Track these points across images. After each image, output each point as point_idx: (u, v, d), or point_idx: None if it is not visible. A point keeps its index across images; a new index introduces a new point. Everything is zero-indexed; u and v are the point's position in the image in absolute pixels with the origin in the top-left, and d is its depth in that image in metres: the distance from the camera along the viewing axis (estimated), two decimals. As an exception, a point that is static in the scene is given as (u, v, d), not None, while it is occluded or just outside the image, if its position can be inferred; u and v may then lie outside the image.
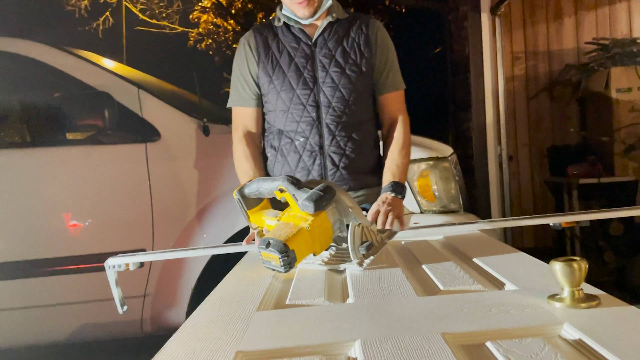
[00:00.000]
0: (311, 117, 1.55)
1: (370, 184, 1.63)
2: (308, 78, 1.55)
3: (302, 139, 1.57)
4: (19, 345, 2.30)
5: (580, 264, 0.66)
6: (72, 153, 2.36)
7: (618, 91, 3.69)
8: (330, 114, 1.55)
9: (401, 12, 6.97)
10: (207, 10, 8.49)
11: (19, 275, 2.24)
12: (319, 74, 1.55)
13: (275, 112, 1.60)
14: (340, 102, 1.55)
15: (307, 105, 1.55)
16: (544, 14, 4.26)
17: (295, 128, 1.57)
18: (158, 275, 2.30)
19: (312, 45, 1.56)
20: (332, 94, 1.54)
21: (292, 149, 1.58)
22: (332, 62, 1.55)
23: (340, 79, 1.54)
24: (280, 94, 1.56)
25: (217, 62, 8.18)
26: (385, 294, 0.82)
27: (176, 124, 2.38)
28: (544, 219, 1.30)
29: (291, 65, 1.55)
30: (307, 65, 1.55)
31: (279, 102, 1.57)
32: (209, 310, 0.82)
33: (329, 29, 1.58)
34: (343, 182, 1.58)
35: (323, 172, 1.57)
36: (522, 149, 4.31)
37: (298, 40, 1.57)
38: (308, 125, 1.55)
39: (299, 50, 1.56)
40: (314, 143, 1.56)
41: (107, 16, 8.14)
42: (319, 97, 1.55)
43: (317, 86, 1.55)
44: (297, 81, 1.55)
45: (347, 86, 1.55)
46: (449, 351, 0.56)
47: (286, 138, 1.59)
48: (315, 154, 1.56)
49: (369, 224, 1.06)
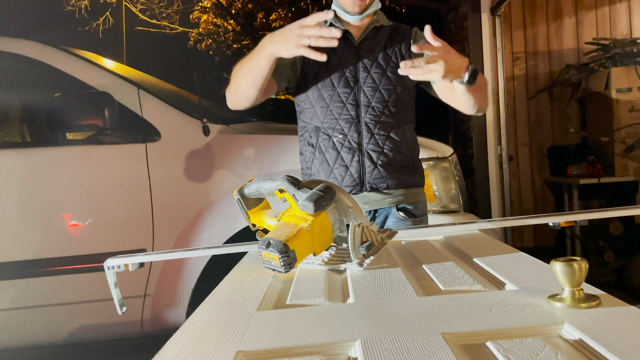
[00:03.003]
0: (350, 115, 1.57)
1: (410, 184, 1.64)
2: (350, 78, 1.58)
3: (340, 136, 1.58)
4: (19, 345, 2.30)
5: (580, 264, 0.66)
6: (72, 153, 2.37)
7: (618, 91, 3.69)
8: (370, 113, 1.57)
9: (401, 12, 6.97)
10: (207, 10, 8.50)
11: (19, 275, 2.24)
12: (360, 74, 1.58)
13: (314, 109, 1.61)
14: (380, 102, 1.57)
15: (347, 103, 1.57)
16: (544, 14, 4.26)
17: (333, 125, 1.58)
18: (158, 276, 2.30)
19: (356, 48, 1.60)
20: (373, 94, 1.57)
21: (330, 145, 1.59)
22: (374, 64, 1.58)
23: (381, 79, 1.57)
24: (321, 91, 1.59)
25: (217, 62, 8.18)
26: (385, 294, 0.82)
27: (176, 124, 2.38)
28: (543, 218, 1.30)
29: (335, 64, 1.58)
30: (349, 66, 1.58)
31: (319, 99, 1.59)
32: (209, 310, 0.81)
33: (373, 34, 1.61)
34: (381, 180, 1.59)
35: (361, 169, 1.58)
36: (522, 149, 4.31)
37: (343, 41, 1.57)
38: (347, 123, 1.57)
39: (344, 51, 1.59)
40: (352, 140, 1.57)
41: (107, 16, 8.15)
42: (359, 97, 1.57)
43: (358, 86, 1.58)
44: (338, 80, 1.57)
45: (387, 87, 1.57)
46: (449, 351, 0.56)
47: (324, 135, 1.60)
48: (353, 150, 1.57)
49: (369, 224, 1.06)
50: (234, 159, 2.36)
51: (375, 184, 1.59)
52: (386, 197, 1.61)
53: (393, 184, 1.60)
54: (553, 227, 1.24)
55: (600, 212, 1.29)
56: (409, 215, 1.63)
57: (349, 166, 1.58)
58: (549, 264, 0.70)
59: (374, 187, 1.59)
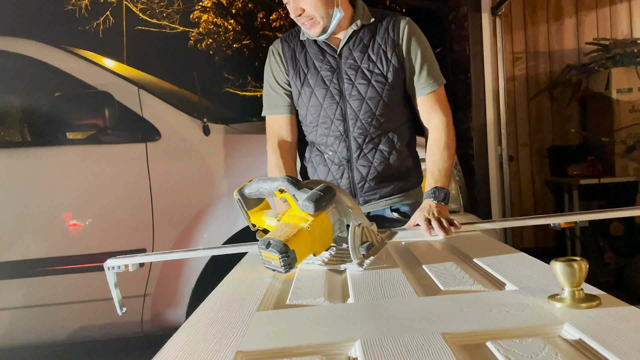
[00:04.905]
0: (339, 131, 1.54)
1: (403, 189, 1.62)
2: (334, 92, 1.52)
3: (330, 153, 1.57)
4: (19, 345, 2.30)
5: (580, 264, 0.66)
6: (72, 153, 2.36)
7: (618, 92, 3.69)
8: (358, 127, 1.53)
9: (401, 12, 6.97)
10: (208, 9, 8.50)
11: (19, 275, 2.24)
12: (345, 87, 1.52)
13: (306, 125, 1.60)
14: (367, 114, 1.52)
15: (335, 119, 1.53)
16: (544, 14, 4.26)
17: (324, 141, 1.57)
18: (158, 276, 2.30)
19: (337, 57, 1.53)
20: (359, 106, 1.52)
21: (321, 161, 1.59)
22: (358, 73, 1.51)
23: (367, 91, 1.51)
24: (308, 108, 1.56)
25: (218, 61, 8.19)
26: (385, 294, 0.82)
27: (176, 124, 2.38)
28: (543, 219, 1.30)
29: (317, 79, 1.53)
30: (332, 79, 1.52)
31: (308, 116, 1.57)
32: (209, 310, 0.81)
33: (354, 37, 1.53)
34: (372, 193, 1.58)
35: (351, 184, 1.57)
36: (523, 149, 4.31)
37: (324, 52, 1.54)
38: (336, 140, 1.55)
39: (324, 63, 1.53)
40: (341, 157, 1.55)
41: (107, 16, 8.15)
42: (345, 110, 1.53)
43: (344, 99, 1.52)
44: (323, 95, 1.53)
45: (373, 98, 1.51)
46: (449, 351, 0.56)
47: (317, 150, 1.60)
48: (343, 167, 1.56)
49: (369, 224, 1.06)
50: (234, 159, 2.36)
51: (367, 197, 1.58)
52: (380, 201, 1.61)
53: (386, 193, 1.59)
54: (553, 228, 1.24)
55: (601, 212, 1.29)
56: (403, 215, 1.62)
57: (339, 182, 1.57)
58: (549, 264, 0.70)
59: (367, 200, 1.59)
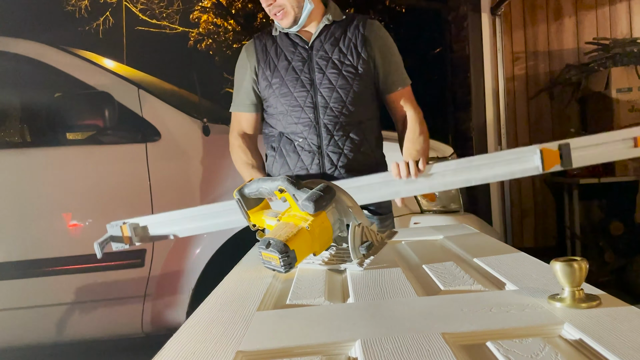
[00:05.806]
0: (309, 119, 1.57)
1: None
2: (305, 80, 1.57)
3: (300, 140, 1.59)
4: (19, 345, 2.30)
5: (580, 264, 0.66)
6: (72, 153, 2.36)
7: (618, 91, 3.69)
8: (328, 115, 1.56)
9: (401, 12, 6.97)
10: (207, 10, 8.49)
11: (19, 275, 2.24)
12: (316, 76, 1.57)
13: (276, 115, 1.62)
14: (337, 102, 1.56)
15: (305, 107, 1.57)
16: (544, 14, 4.26)
17: (294, 130, 1.59)
18: (158, 275, 2.30)
19: (309, 49, 1.59)
20: (330, 95, 1.56)
21: (291, 149, 1.60)
22: (329, 64, 1.57)
23: (337, 80, 1.56)
24: (279, 97, 1.59)
25: (217, 62, 8.18)
26: (385, 294, 0.82)
27: (176, 124, 2.38)
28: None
29: (289, 69, 1.58)
30: (303, 68, 1.57)
31: (278, 105, 1.60)
32: (209, 310, 0.81)
33: (325, 32, 1.60)
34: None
35: (321, 171, 1.58)
36: (523, 149, 4.30)
37: (295, 45, 1.60)
38: (306, 127, 1.57)
39: (295, 54, 1.59)
40: (312, 143, 1.57)
41: (107, 16, 8.15)
42: (316, 99, 1.56)
43: (314, 88, 1.57)
44: (294, 84, 1.57)
45: (344, 87, 1.56)
46: (449, 351, 0.56)
47: (286, 139, 1.61)
48: (313, 153, 1.57)
49: (369, 224, 1.06)
50: (234, 159, 2.35)
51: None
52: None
53: None
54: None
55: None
56: (373, 213, 1.63)
57: (309, 169, 1.58)
58: (549, 264, 0.70)
59: None
